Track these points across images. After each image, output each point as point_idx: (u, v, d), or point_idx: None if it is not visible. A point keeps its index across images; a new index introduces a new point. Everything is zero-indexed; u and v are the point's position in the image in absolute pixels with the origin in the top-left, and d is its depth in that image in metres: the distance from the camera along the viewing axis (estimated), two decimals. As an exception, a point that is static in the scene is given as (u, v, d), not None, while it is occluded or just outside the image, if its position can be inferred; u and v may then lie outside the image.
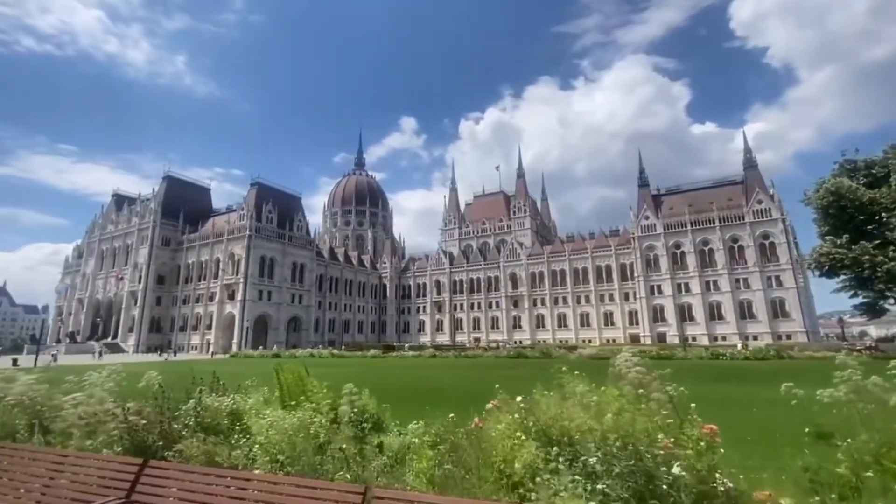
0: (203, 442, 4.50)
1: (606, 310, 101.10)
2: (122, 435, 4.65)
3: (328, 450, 4.32)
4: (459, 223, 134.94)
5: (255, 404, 5.51)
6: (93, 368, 7.40)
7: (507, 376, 22.75)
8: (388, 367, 31.58)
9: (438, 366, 31.78)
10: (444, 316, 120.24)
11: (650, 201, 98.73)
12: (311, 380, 5.91)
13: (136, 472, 3.51)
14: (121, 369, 7.71)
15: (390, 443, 4.69)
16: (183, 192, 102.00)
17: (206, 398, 5.31)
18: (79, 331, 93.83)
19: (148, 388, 6.45)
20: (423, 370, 26.69)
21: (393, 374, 23.51)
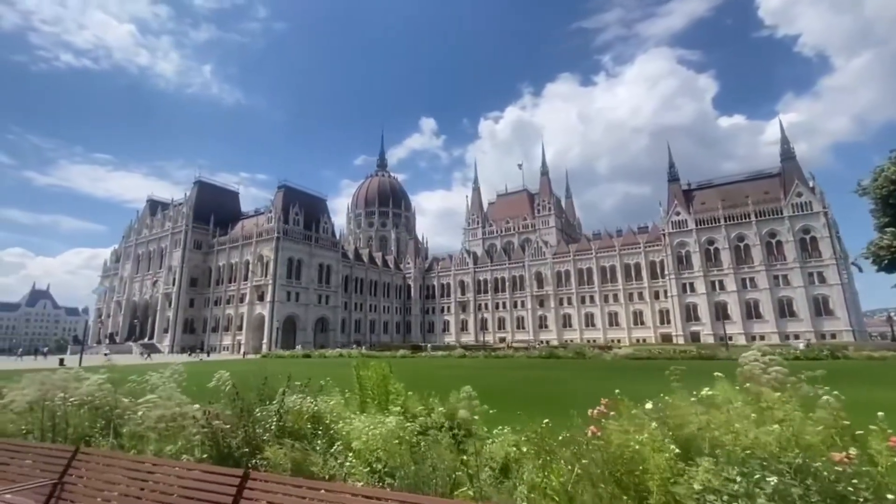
0: (291, 449, 4.14)
1: (636, 309, 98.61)
2: (204, 440, 4.34)
3: (429, 458, 3.89)
4: (483, 222, 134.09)
5: (336, 406, 5.14)
6: (149, 368, 7.21)
7: (551, 378, 22.10)
8: (426, 367, 31.25)
9: (475, 366, 31.26)
10: (468, 316, 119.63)
11: (681, 196, 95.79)
12: (394, 381, 5.50)
13: (237, 486, 3.15)
14: (182, 370, 7.52)
15: (493, 452, 4.23)
16: (213, 196, 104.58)
17: (286, 400, 4.95)
18: (117, 332, 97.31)
19: (217, 389, 6.16)
20: (462, 370, 26.23)
21: (436, 375, 23.14)
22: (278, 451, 4.18)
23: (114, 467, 3.98)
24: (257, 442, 4.43)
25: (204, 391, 6.54)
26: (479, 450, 4.12)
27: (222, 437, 4.33)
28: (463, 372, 23.84)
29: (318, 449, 4.46)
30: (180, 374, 7.49)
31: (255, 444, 4.41)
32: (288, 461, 4.10)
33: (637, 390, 5.28)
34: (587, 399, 6.25)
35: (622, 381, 19.45)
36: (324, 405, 5.06)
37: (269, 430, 4.63)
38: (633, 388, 16.11)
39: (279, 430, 4.63)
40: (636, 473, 3.30)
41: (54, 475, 4.01)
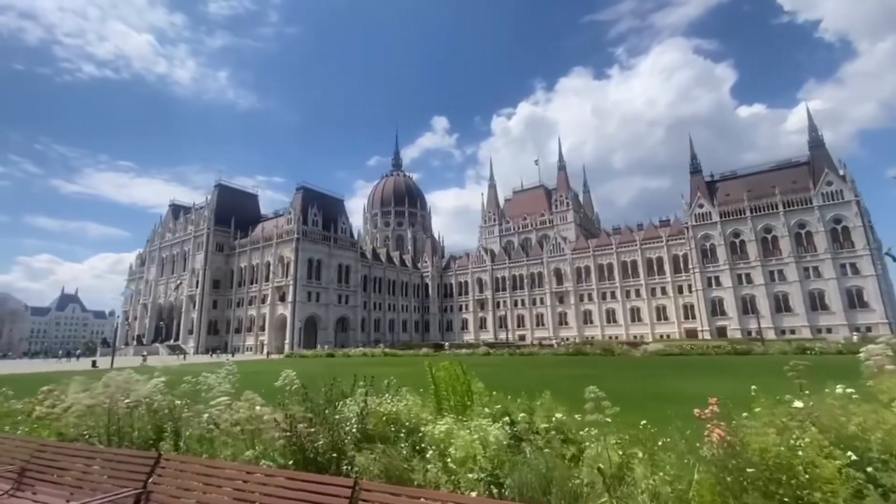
0: (382, 454, 3.85)
1: (659, 304, 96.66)
2: (287, 445, 4.08)
3: (540, 466, 3.55)
4: (499, 219, 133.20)
5: (413, 408, 4.84)
6: (195, 369, 7.04)
7: (592, 375, 21.49)
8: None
9: (505, 364, 30.84)
10: (487, 314, 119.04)
11: (704, 188, 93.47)
12: (476, 381, 5.18)
13: (349, 497, 2.86)
14: (236, 370, 7.34)
15: (601, 456, 3.87)
16: (233, 199, 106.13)
17: (360, 401, 4.66)
18: (144, 334, 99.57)
19: (282, 389, 5.92)
20: (494, 368, 25.83)
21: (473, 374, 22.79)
22: (368, 456, 3.88)
23: (200, 475, 3.75)
24: (342, 446, 4.15)
25: (272, 392, 6.32)
26: (600, 457, 3.76)
27: (308, 442, 4.06)
28: (497, 370, 23.44)
29: (404, 453, 4.16)
30: (234, 374, 7.32)
31: (341, 449, 4.13)
32: (377, 467, 3.81)
33: (710, 388, 4.85)
34: (647, 398, 5.83)
35: (672, 378, 18.84)
36: (402, 406, 4.76)
37: (351, 433, 4.34)
38: (697, 385, 15.48)
39: (361, 435, 4.34)
40: (792, 483, 2.91)
41: (138, 483, 3.80)
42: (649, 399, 10.84)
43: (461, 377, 5.09)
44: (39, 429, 6.94)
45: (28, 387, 14.95)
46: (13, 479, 4.73)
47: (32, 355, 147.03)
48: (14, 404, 8.68)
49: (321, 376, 6.63)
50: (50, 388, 8.47)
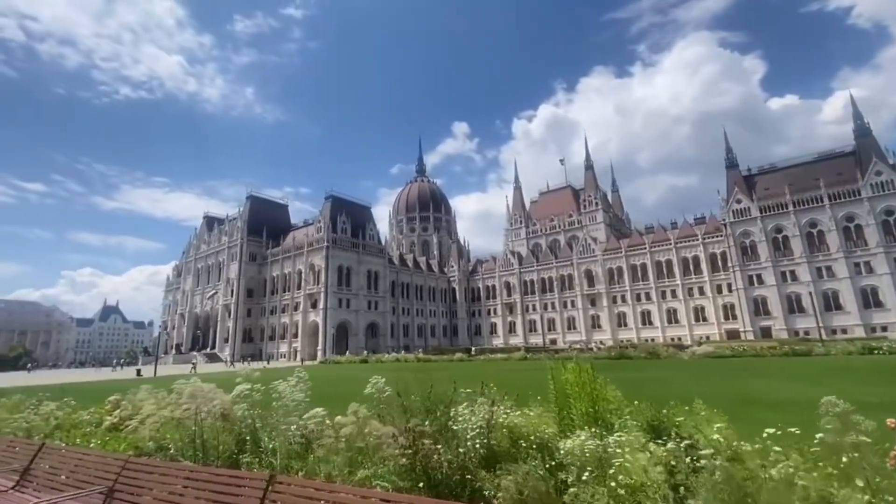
0: (525, 477, 3.25)
1: (697, 304, 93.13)
2: (409, 465, 3.55)
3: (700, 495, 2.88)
4: (526, 221, 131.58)
5: (535, 420, 4.22)
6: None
7: (654, 378, 20.35)
8: (503, 371, 30.14)
9: (539, 368, 29.81)
10: (516, 318, 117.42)
11: (741, 183, 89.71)
12: (612, 389, 4.53)
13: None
14: (307, 377, 6.92)
15: (790, 481, 3.16)
16: (264, 209, 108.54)
17: (481, 412, 4.07)
18: (182, 342, 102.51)
19: (370, 397, 5.41)
20: (545, 373, 24.90)
21: (527, 380, 22.05)
22: (505, 478, 3.29)
23: (314, 499, 3.24)
24: (468, 466, 3.57)
25: (333, 398, 5.83)
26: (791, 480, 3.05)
27: (433, 461, 3.51)
28: (530, 375, 22.46)
29: (540, 475, 3.54)
30: (305, 381, 6.90)
31: (466, 468, 3.56)
32: (522, 492, 3.21)
33: (797, 392, 4.02)
34: (737, 402, 5.06)
35: (747, 380, 17.55)
36: (521, 419, 4.15)
37: (475, 450, 3.76)
38: (781, 388, 14.14)
39: (487, 452, 3.75)
40: None
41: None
42: (740, 404, 9.88)
43: (589, 382, 4.43)
44: (112, 441, 6.68)
45: (87, 396, 15.12)
46: (101, 501, 4.36)
47: (78, 365, 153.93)
48: (81, 415, 8.54)
49: (393, 383, 6.11)
50: (117, 398, 8.31)
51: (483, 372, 28.62)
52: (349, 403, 6.35)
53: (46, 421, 7.95)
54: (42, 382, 30.28)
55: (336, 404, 7.03)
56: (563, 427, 4.24)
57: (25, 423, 7.79)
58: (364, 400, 5.59)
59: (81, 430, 7.91)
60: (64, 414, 8.24)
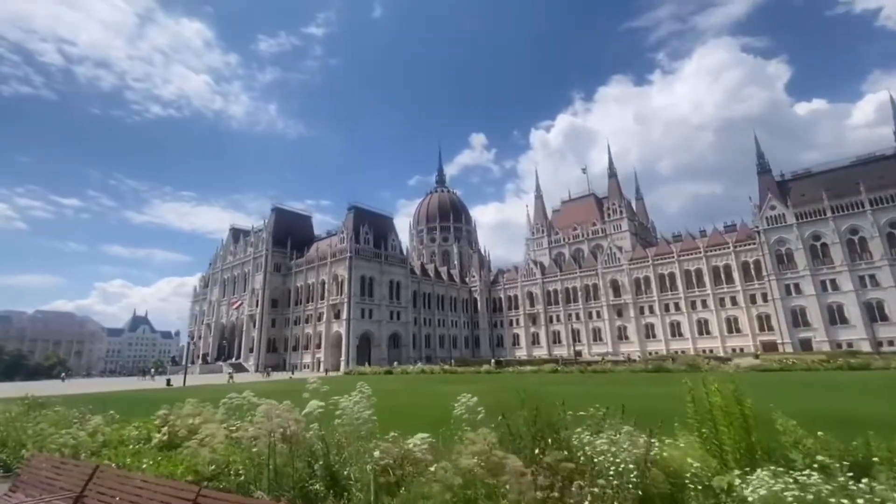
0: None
1: (729, 315, 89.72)
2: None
3: None
4: (548, 231, 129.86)
5: (677, 449, 3.46)
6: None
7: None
8: (536, 385, 29.09)
9: (590, 382, 28.56)
10: (539, 329, 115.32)
11: (775, 189, 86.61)
12: (782, 417, 3.71)
13: None
14: (370, 392, 6.29)
15: None
16: (288, 221, 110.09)
17: (634, 443, 3.33)
18: (209, 352, 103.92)
19: (459, 418, 4.71)
20: (584, 387, 23.82)
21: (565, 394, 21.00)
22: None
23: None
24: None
25: (395, 417, 5.15)
26: None
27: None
28: (589, 389, 21.44)
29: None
30: (369, 396, 6.27)
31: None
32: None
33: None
34: (833, 423, 4.20)
35: (822, 397, 16.13)
36: (675, 451, 3.38)
37: (627, 491, 3.01)
38: (869, 406, 12.72)
39: (643, 494, 3.00)
40: None
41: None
42: (852, 425, 8.74)
43: (737, 403, 3.61)
44: (166, 463, 6.13)
45: (127, 408, 14.76)
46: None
47: (108, 374, 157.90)
48: (130, 430, 8.06)
49: (440, 396, 5.41)
50: (165, 413, 7.84)
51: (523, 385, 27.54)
52: (413, 422, 5.70)
53: (93, 437, 7.52)
54: (79, 392, 30.56)
55: (400, 423, 6.36)
56: (721, 461, 3.46)
57: (73, 439, 7.37)
58: (434, 419, 4.91)
59: (129, 447, 7.45)
60: (111, 430, 7.79)
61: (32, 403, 12.26)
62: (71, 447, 7.31)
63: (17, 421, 9.09)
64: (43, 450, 7.45)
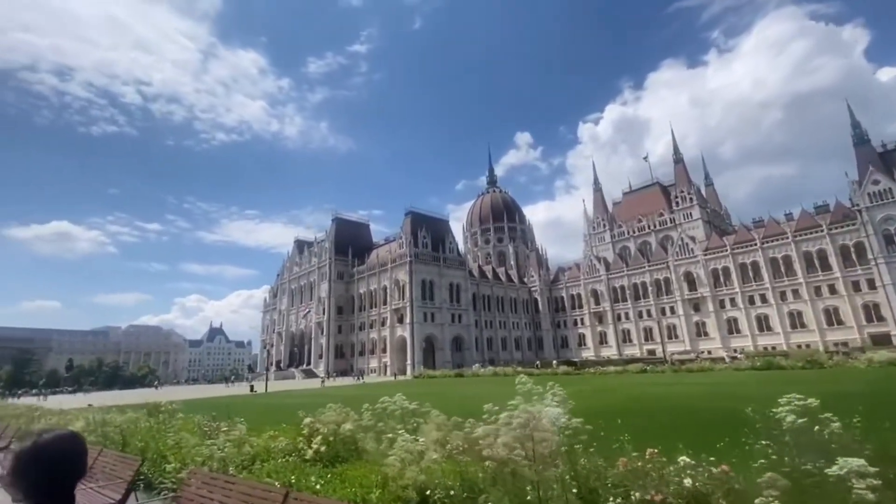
0: None
1: (828, 305, 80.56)
2: None
3: None
4: (610, 224, 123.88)
5: None
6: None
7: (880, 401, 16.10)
8: (656, 384, 26.85)
9: (705, 382, 25.86)
10: (606, 327, 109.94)
11: (877, 161, 76.83)
12: None
13: None
14: (565, 394, 5.00)
15: None
16: (348, 230, 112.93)
17: None
18: (281, 359, 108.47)
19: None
20: (721, 387, 21.34)
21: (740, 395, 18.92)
22: None
23: None
24: None
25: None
26: None
27: None
28: (717, 390, 19.00)
29: None
30: (565, 400, 4.98)
31: None
32: None
33: None
34: None
35: None
36: None
37: None
38: None
39: None
40: None
41: None
42: None
43: None
44: (338, 482, 5.16)
45: (238, 413, 14.24)
46: None
47: (191, 381, 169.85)
48: (280, 441, 7.25)
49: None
50: (312, 420, 7.01)
51: (637, 386, 25.17)
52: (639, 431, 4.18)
53: (239, 448, 6.81)
54: (178, 398, 31.95)
55: (616, 432, 4.98)
56: None
57: (219, 450, 6.68)
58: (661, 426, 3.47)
59: (278, 460, 6.65)
60: (262, 441, 7.05)
61: (152, 409, 12.17)
62: (218, 460, 6.62)
63: (154, 430, 8.73)
64: (189, 464, 6.84)
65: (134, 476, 6.46)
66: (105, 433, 10.57)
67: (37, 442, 1.58)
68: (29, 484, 1.51)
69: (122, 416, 13.19)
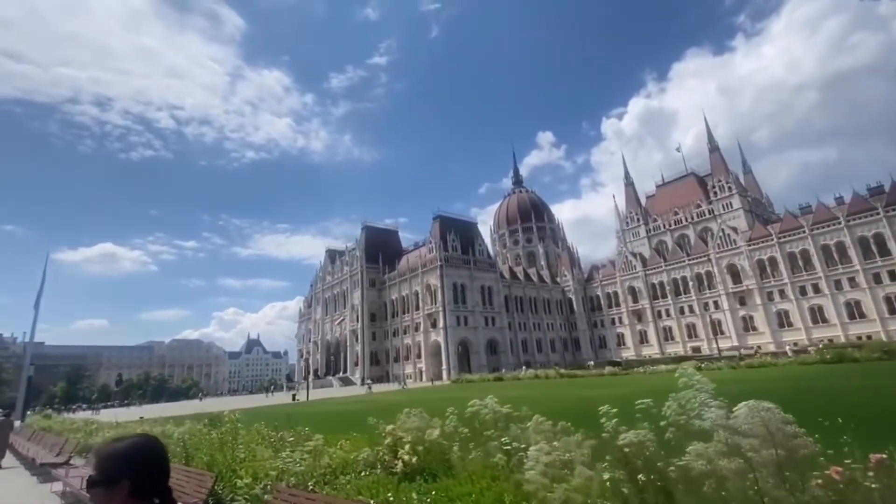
0: None
1: (889, 293, 75.09)
2: None
3: None
4: (644, 219, 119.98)
5: None
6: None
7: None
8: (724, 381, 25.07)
9: (775, 377, 24.05)
10: (646, 325, 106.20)
11: (938, 135, 71.21)
12: None
13: None
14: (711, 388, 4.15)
15: None
16: (378, 237, 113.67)
17: None
18: (318, 368, 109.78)
19: None
20: (830, 380, 19.71)
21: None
22: None
23: None
24: None
25: None
26: None
27: None
28: (805, 385, 17.42)
29: None
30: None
31: None
32: None
33: None
34: None
35: None
36: None
37: None
38: None
39: None
40: None
41: None
42: None
43: None
44: (443, 501, 4.45)
45: (293, 423, 13.70)
46: None
47: (232, 392, 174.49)
48: (361, 452, 6.61)
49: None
50: (393, 428, 6.35)
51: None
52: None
53: (317, 460, 6.21)
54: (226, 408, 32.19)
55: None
56: None
57: (297, 464, 6.10)
58: None
59: (360, 473, 6.02)
60: (340, 452, 6.45)
61: (214, 420, 11.85)
62: (296, 475, 6.03)
63: (219, 443, 8.29)
64: (262, 478, 6.29)
65: (208, 493, 5.97)
66: (166, 446, 10.31)
67: (134, 440, 1.59)
68: (136, 476, 1.49)
69: (180, 427, 12.98)
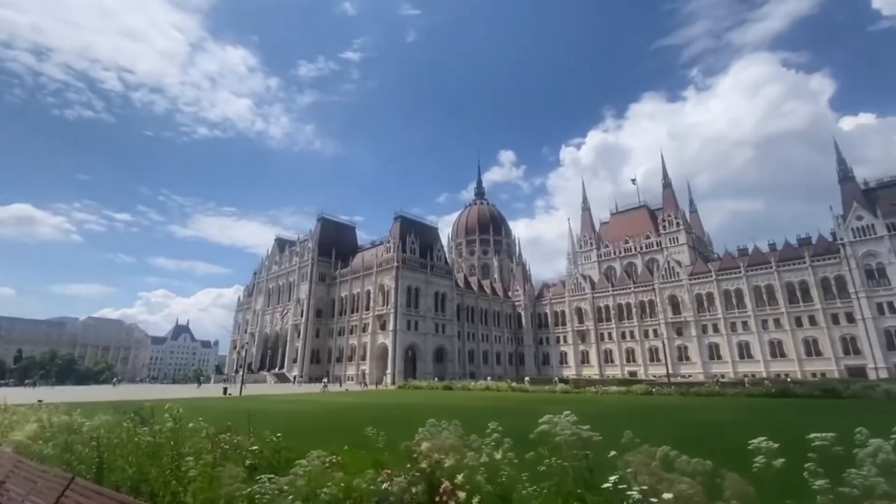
0: None
1: (808, 336, 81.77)
2: None
3: None
4: (597, 244, 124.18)
5: None
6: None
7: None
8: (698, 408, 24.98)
9: (744, 408, 24.20)
10: (589, 347, 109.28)
11: (861, 197, 79.07)
12: None
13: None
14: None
15: None
16: (334, 231, 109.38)
17: None
18: (252, 362, 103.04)
19: None
20: (779, 412, 19.58)
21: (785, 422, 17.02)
22: None
23: None
24: None
25: None
26: None
27: None
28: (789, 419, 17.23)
29: None
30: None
31: None
32: None
33: None
34: None
35: None
36: None
37: None
38: None
39: None
40: None
41: None
42: None
43: None
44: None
45: (264, 426, 11.06)
46: None
47: (151, 380, 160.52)
48: (363, 478, 4.77)
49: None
50: (429, 447, 4.63)
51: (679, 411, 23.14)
52: None
53: (313, 490, 4.34)
54: (145, 397, 28.33)
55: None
56: None
57: (288, 497, 4.20)
58: None
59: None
60: (344, 477, 4.54)
61: (145, 413, 9.21)
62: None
63: (155, 449, 6.10)
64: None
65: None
66: (71, 446, 7.60)
67: None
68: None
69: (91, 419, 9.92)
